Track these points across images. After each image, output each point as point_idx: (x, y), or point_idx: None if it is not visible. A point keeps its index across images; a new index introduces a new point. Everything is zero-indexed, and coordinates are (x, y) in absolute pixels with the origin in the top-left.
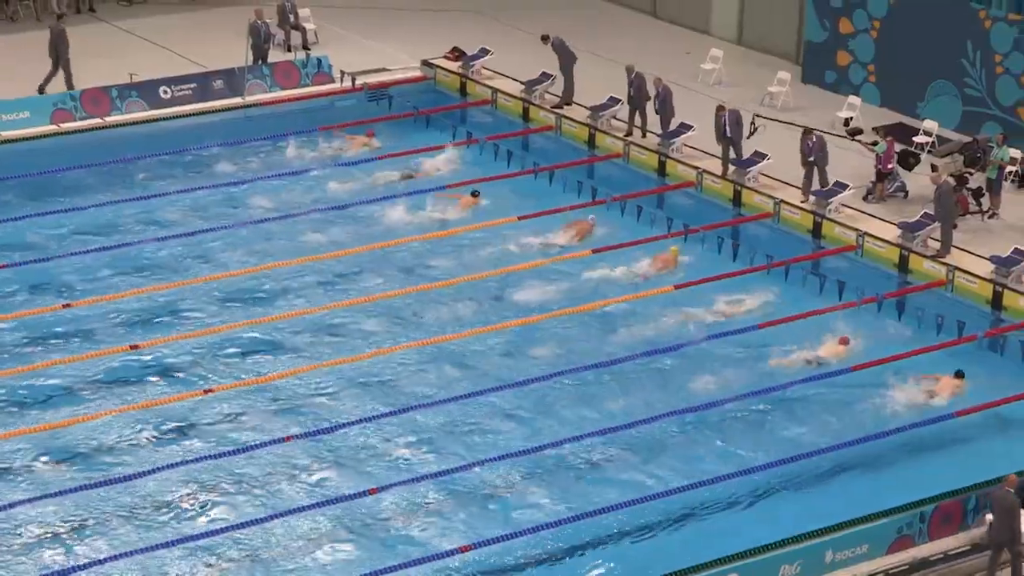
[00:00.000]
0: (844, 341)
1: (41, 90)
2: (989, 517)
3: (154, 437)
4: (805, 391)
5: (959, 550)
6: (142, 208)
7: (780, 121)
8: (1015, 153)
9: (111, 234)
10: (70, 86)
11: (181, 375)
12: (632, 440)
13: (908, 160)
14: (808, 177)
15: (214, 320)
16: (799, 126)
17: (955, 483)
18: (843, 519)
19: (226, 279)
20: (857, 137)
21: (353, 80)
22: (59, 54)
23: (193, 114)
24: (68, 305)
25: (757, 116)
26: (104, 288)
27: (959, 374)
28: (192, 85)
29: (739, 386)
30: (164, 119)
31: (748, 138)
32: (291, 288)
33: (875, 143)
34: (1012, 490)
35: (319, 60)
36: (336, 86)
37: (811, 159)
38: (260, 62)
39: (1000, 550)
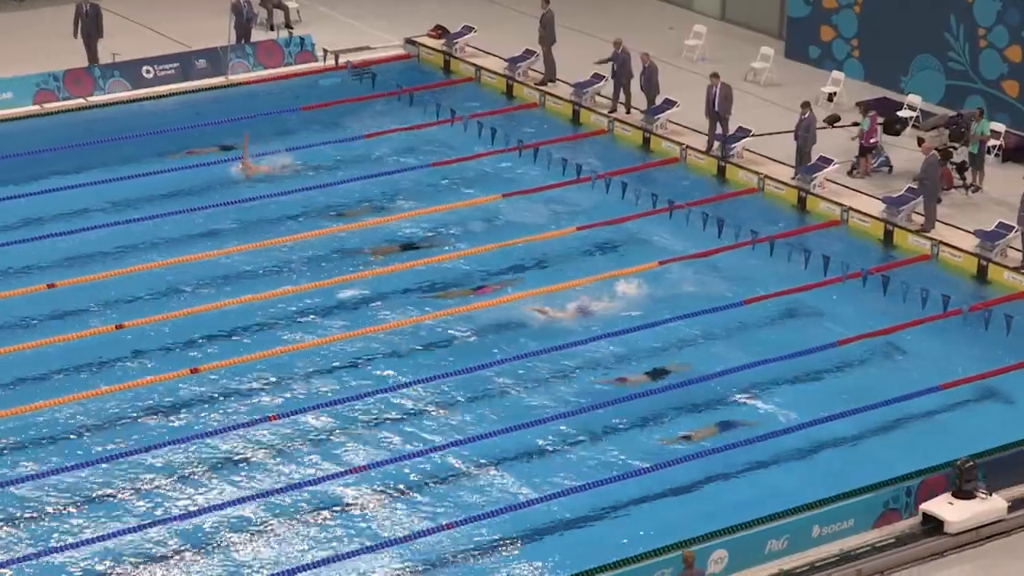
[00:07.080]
0: None
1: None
2: None
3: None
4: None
5: None
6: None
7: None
8: (996, 126)
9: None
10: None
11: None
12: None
13: (894, 126)
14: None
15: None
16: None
17: (941, 457)
18: (829, 494)
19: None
20: (836, 124)
21: (336, 58)
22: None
23: (175, 93)
24: (52, 286)
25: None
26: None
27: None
28: (175, 64)
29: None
30: (148, 99)
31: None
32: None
33: (856, 123)
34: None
35: (302, 39)
36: (319, 64)
37: (795, 136)
38: (243, 41)
39: None
